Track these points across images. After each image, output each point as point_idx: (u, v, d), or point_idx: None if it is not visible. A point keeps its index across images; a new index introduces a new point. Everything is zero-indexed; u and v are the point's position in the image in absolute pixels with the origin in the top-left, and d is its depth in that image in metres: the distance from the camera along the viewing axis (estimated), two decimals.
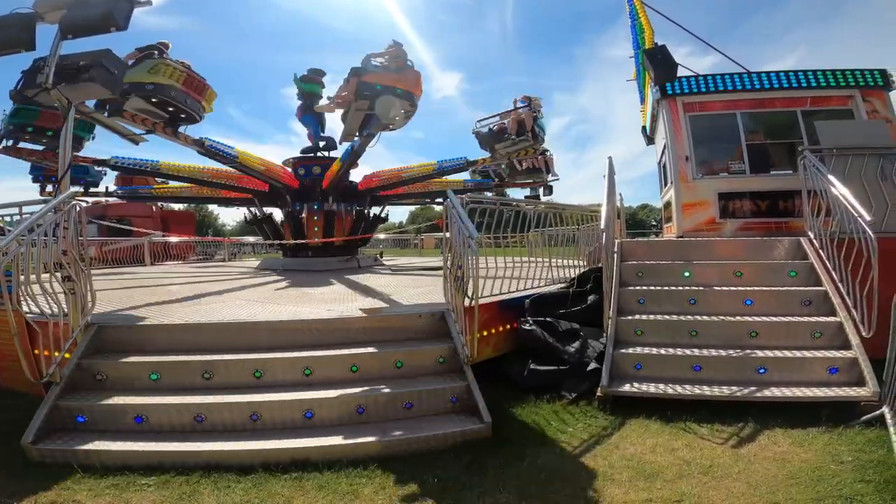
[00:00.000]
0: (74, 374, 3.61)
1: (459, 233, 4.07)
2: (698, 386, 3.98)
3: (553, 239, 6.67)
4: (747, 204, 7.19)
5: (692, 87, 7.43)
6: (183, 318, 4.43)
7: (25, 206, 4.28)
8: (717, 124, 7.46)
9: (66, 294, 3.87)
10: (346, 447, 3.14)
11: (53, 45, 4.30)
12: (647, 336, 4.59)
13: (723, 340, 4.41)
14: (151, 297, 6.12)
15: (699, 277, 5.23)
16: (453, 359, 3.98)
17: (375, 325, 4.25)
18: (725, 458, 3.06)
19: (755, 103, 7.35)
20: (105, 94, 4.82)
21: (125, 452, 3.07)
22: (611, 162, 5.86)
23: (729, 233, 7.09)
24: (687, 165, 7.37)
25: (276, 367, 3.76)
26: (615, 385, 4.04)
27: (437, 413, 3.59)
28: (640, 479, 2.85)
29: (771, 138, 7.40)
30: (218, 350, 3.91)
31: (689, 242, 6.11)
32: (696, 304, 4.87)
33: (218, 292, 6.75)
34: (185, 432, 3.30)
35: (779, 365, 4.07)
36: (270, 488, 2.76)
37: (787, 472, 2.86)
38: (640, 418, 3.69)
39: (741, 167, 7.31)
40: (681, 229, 7.36)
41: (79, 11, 4.20)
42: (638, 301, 4.98)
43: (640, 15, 8.27)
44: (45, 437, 3.18)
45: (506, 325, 4.79)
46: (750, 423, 3.53)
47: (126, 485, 2.80)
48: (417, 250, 22.92)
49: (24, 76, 4.84)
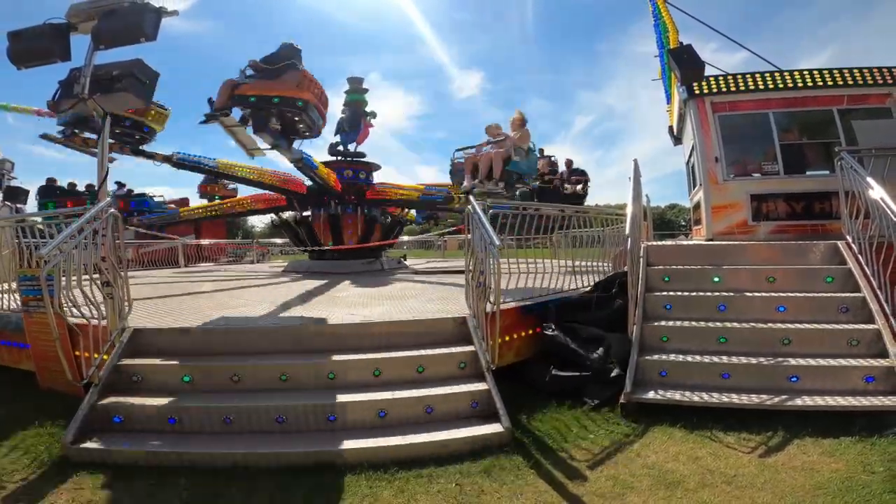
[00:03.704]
0: (112, 375, 3.74)
1: (481, 238, 4.09)
2: (726, 394, 3.89)
3: (577, 241, 6.60)
4: (781, 206, 6.96)
5: (721, 86, 7.25)
6: (213, 321, 4.57)
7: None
8: (748, 124, 7.25)
9: (105, 298, 4.03)
10: (367, 450, 3.19)
11: (87, 55, 4.43)
12: (674, 343, 4.50)
13: (753, 348, 4.28)
14: (184, 299, 6.34)
15: (730, 282, 5.09)
16: (475, 363, 4.00)
17: (397, 329, 4.30)
18: (751, 468, 2.99)
19: (788, 102, 7.12)
20: (137, 103, 5.01)
21: (159, 453, 3.17)
22: (636, 164, 5.76)
23: (762, 236, 6.87)
24: (717, 167, 7.18)
25: (302, 371, 3.85)
26: (639, 392, 3.98)
27: (457, 417, 3.60)
28: (660, 488, 2.81)
29: (806, 138, 7.16)
30: (246, 353, 4.03)
31: (719, 246, 5.96)
32: (725, 310, 4.74)
33: (247, 294, 6.93)
34: (215, 434, 3.40)
35: (812, 373, 3.93)
36: (294, 491, 2.83)
37: (815, 482, 2.79)
38: (664, 426, 3.63)
39: (775, 168, 7.09)
40: (710, 232, 7.18)
41: (109, 22, 4.30)
42: (664, 307, 4.88)
43: (664, 14, 8.12)
44: (83, 437, 3.28)
45: (528, 330, 4.77)
46: (779, 432, 3.43)
47: (159, 485, 2.89)
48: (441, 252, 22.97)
49: (60, 86, 4.91)
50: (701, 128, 7.30)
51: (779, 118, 7.14)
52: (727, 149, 7.21)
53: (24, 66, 4.47)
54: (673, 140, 9.83)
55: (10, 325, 4.59)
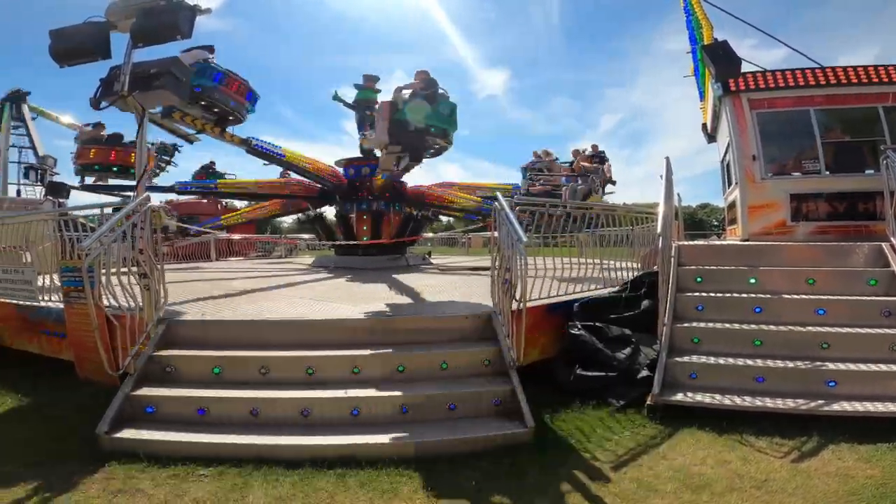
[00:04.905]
0: (147, 366, 3.85)
1: (508, 235, 4.06)
2: (759, 398, 3.77)
3: (605, 240, 6.48)
4: (823, 206, 6.67)
5: (758, 83, 6.99)
6: (244, 313, 4.68)
7: (107, 208, 4.68)
8: (787, 121, 6.97)
9: (142, 290, 4.15)
10: (389, 446, 3.21)
11: (126, 53, 4.53)
12: (705, 344, 4.38)
13: (790, 351, 4.15)
14: (216, 292, 6.50)
15: (766, 284, 4.92)
16: (498, 361, 3.98)
17: (421, 325, 4.32)
18: (783, 473, 2.90)
19: (831, 99, 6.81)
20: (175, 100, 5.14)
21: (187, 444, 3.24)
22: (668, 162, 5.63)
23: (801, 237, 6.61)
24: (754, 165, 6.93)
25: (327, 365, 3.90)
26: (667, 394, 3.89)
27: (479, 415, 3.59)
28: (685, 491, 2.75)
29: (849, 136, 6.84)
30: (274, 346, 4.09)
31: (755, 247, 5.76)
32: (761, 312, 4.60)
33: (275, 288, 7.07)
34: (241, 425, 3.45)
35: (851, 378, 3.79)
36: (315, 484, 2.86)
37: (849, 488, 2.69)
38: (692, 429, 3.54)
39: (816, 166, 6.80)
40: (746, 232, 6.95)
41: (146, 20, 4.40)
42: (696, 307, 4.76)
43: (696, 10, 7.87)
44: (117, 427, 3.37)
45: (553, 329, 4.72)
46: (813, 437, 3.32)
47: (185, 475, 2.96)
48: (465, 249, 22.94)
49: (101, 84, 5.01)
50: (737, 125, 7.06)
51: (820, 116, 6.84)
52: (765, 147, 6.95)
53: (66, 64, 4.58)
54: (707, 138, 9.54)
55: (52, 316, 4.79)
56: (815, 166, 6.79)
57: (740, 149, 7.01)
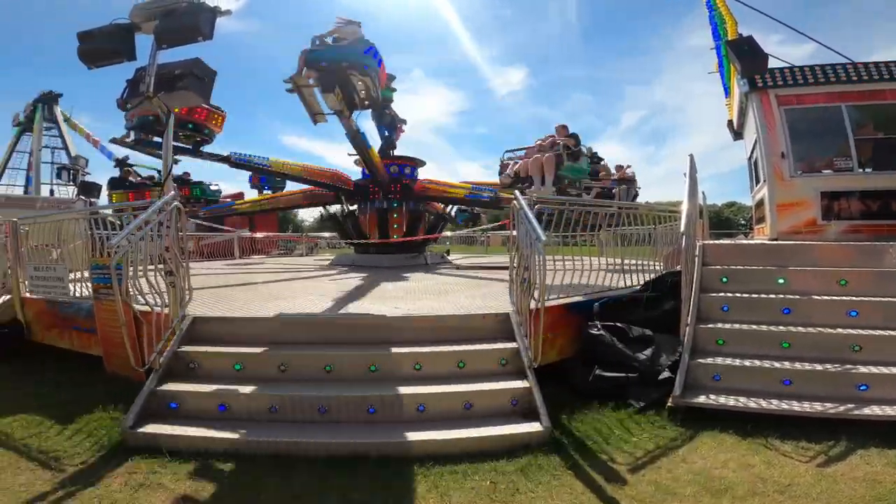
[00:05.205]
0: (171, 361, 3.91)
1: (526, 234, 4.03)
2: (786, 401, 3.66)
3: (626, 239, 6.39)
4: (855, 204, 6.45)
5: (787, 79, 6.79)
6: (264, 311, 4.75)
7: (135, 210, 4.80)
8: (817, 118, 6.75)
9: (168, 287, 4.24)
10: (404, 444, 3.22)
11: (151, 54, 4.57)
12: (730, 346, 4.28)
13: (820, 353, 4.03)
14: (238, 289, 6.63)
15: (796, 285, 4.78)
16: (516, 361, 3.95)
17: (439, 323, 4.32)
18: (807, 477, 2.82)
19: (864, 95, 6.58)
20: (198, 101, 5.21)
21: (208, 439, 3.28)
22: (692, 160, 5.52)
23: (832, 236, 6.40)
24: (783, 162, 6.74)
25: (345, 363, 3.93)
26: (689, 396, 3.81)
27: (496, 414, 3.57)
28: (705, 495, 2.69)
29: (883, 133, 6.59)
30: (293, 343, 4.15)
31: (784, 246, 5.59)
32: (790, 313, 4.47)
33: (296, 286, 7.16)
34: (260, 421, 3.50)
35: (884, 382, 3.67)
36: (330, 481, 2.87)
37: (875, 493, 2.61)
38: (714, 432, 3.45)
39: (848, 164, 6.57)
40: (775, 231, 6.76)
41: (167, 22, 4.43)
42: (721, 308, 4.65)
43: (719, 5, 7.68)
44: (141, 422, 3.42)
45: (572, 329, 4.66)
46: (841, 441, 3.21)
47: (205, 470, 3.00)
48: (484, 247, 22.88)
49: (128, 85, 5.03)
50: (765, 122, 6.87)
51: (853, 112, 6.62)
52: (794, 144, 6.75)
53: (94, 66, 4.66)
54: (733, 135, 9.32)
55: (82, 313, 4.96)
56: (848, 163, 6.57)
57: (768, 146, 6.83)
